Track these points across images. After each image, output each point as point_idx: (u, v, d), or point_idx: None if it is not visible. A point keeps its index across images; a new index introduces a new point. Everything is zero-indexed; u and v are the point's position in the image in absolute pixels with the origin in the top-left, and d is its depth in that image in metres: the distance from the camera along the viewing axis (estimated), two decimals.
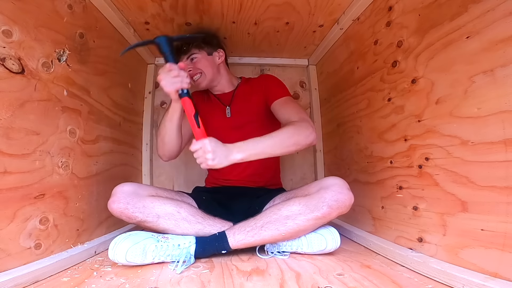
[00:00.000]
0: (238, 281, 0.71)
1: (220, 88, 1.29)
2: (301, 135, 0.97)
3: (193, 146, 0.87)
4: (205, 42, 1.23)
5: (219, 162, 0.85)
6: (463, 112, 0.68)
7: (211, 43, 1.26)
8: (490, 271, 0.60)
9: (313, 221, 0.88)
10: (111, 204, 0.90)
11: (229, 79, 1.30)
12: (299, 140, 0.96)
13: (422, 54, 0.81)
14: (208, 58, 1.23)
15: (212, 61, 1.24)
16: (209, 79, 1.22)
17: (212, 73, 1.22)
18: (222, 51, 1.28)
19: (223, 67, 1.29)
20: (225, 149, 0.87)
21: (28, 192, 0.74)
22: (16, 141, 0.71)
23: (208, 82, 1.23)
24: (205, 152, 0.85)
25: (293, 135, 0.96)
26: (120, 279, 0.72)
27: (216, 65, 1.25)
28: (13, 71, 0.70)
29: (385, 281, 0.70)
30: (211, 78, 1.23)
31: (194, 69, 1.20)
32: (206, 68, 1.21)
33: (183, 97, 0.90)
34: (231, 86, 1.29)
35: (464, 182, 0.68)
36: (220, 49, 1.28)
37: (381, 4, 0.99)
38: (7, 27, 0.68)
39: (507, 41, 0.57)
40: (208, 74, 1.21)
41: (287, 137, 0.95)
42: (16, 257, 0.69)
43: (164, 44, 0.90)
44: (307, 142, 0.97)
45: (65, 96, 0.88)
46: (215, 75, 1.24)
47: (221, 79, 1.27)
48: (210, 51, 1.25)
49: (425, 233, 0.80)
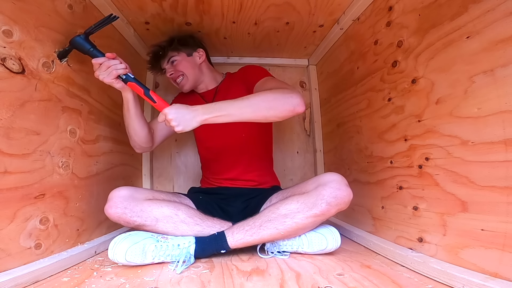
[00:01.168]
0: (238, 281, 0.71)
1: (204, 87, 1.29)
2: (280, 100, 0.88)
3: (159, 118, 0.88)
4: (181, 44, 1.23)
5: (184, 126, 0.85)
6: (463, 112, 0.68)
7: (188, 44, 1.26)
8: (490, 271, 0.60)
9: (312, 218, 0.88)
10: (108, 209, 0.89)
11: (213, 76, 1.30)
12: (277, 105, 0.88)
13: (422, 54, 0.81)
14: (189, 59, 1.23)
15: (192, 61, 1.24)
16: (192, 80, 1.23)
17: (194, 74, 1.23)
18: (202, 50, 1.27)
19: (205, 66, 1.28)
20: (189, 112, 0.86)
21: (28, 192, 0.74)
22: (16, 141, 0.71)
23: (192, 84, 1.24)
24: (168, 121, 0.85)
25: (269, 99, 0.88)
26: (120, 279, 0.72)
27: (197, 65, 1.25)
28: (14, 71, 0.70)
29: (385, 281, 0.70)
30: (194, 79, 1.23)
31: (176, 72, 1.21)
32: (187, 69, 1.21)
33: (128, 82, 0.91)
34: (215, 83, 1.29)
35: (464, 182, 0.68)
36: (200, 49, 1.27)
37: (381, 4, 0.99)
38: (8, 27, 0.68)
39: (508, 41, 0.57)
40: (190, 76, 1.22)
41: (261, 100, 0.88)
42: (16, 257, 0.69)
43: (82, 43, 0.87)
44: (288, 107, 0.88)
45: (65, 96, 0.88)
46: (198, 75, 1.25)
47: (204, 78, 1.27)
48: (189, 52, 1.24)
49: (425, 233, 0.80)
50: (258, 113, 0.88)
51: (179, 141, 1.67)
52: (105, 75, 0.88)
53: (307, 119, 1.73)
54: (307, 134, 1.73)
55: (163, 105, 0.90)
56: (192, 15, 1.21)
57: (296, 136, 1.72)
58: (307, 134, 1.73)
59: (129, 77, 0.91)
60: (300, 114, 0.88)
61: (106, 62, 0.88)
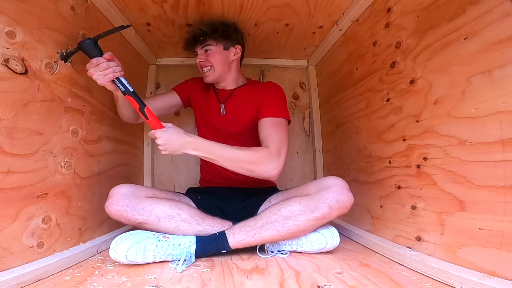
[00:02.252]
0: (238, 279, 0.72)
1: (224, 84, 1.25)
2: (260, 168, 0.97)
3: (149, 134, 0.91)
4: (223, 36, 1.18)
5: (170, 152, 0.92)
6: (461, 112, 0.68)
7: (230, 37, 1.20)
8: (488, 270, 0.61)
9: (313, 221, 0.88)
10: (109, 207, 0.88)
11: (236, 77, 1.25)
12: (255, 170, 0.98)
13: (420, 55, 0.81)
14: (223, 53, 1.19)
15: (226, 57, 1.19)
16: (217, 75, 1.19)
17: (221, 70, 1.19)
18: (240, 47, 1.23)
19: (235, 64, 1.24)
20: (179, 143, 0.91)
21: (31, 191, 0.74)
22: (19, 141, 0.71)
23: (215, 78, 1.20)
24: (157, 143, 0.90)
25: (252, 162, 0.97)
26: (122, 278, 0.72)
27: (228, 62, 1.21)
28: (17, 72, 0.70)
29: (383, 279, 0.70)
30: (220, 74, 1.20)
31: (206, 61, 1.17)
32: (217, 63, 1.17)
33: (126, 95, 0.91)
34: (235, 84, 1.25)
35: (461, 182, 0.68)
36: (238, 45, 1.22)
37: (380, 5, 0.99)
38: (11, 28, 0.68)
39: (505, 42, 0.57)
40: (217, 70, 1.18)
41: (244, 161, 0.96)
42: (19, 256, 0.69)
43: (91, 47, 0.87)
44: (263, 175, 0.99)
45: (68, 97, 0.88)
46: (225, 72, 1.21)
47: (229, 76, 1.23)
48: (227, 45, 1.19)
49: (423, 232, 0.80)
50: (236, 169, 0.98)
51: None
52: (101, 76, 0.87)
53: (306, 119, 1.73)
54: (307, 134, 1.73)
55: (156, 124, 0.91)
56: (193, 16, 1.21)
57: (295, 136, 1.72)
58: (307, 134, 1.73)
59: (128, 89, 0.91)
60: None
61: (104, 63, 0.86)
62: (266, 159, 0.98)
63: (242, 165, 0.97)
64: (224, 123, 1.21)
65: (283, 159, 1.01)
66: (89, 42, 0.86)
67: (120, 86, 0.90)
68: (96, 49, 0.87)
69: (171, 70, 1.69)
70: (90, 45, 0.86)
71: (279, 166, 0.99)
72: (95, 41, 0.87)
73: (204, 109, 1.25)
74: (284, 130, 1.08)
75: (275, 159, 0.99)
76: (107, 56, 0.87)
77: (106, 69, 0.87)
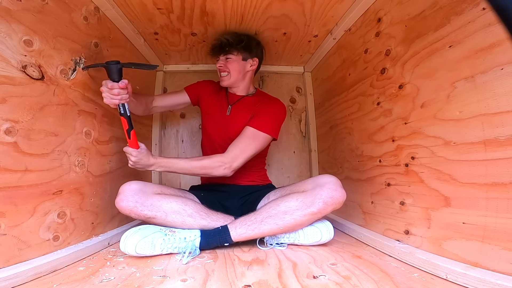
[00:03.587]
0: (240, 270, 0.71)
1: (235, 90, 1.26)
2: (213, 172, 1.05)
3: (125, 149, 0.96)
4: (245, 48, 1.21)
5: (137, 167, 0.99)
6: (446, 115, 0.68)
7: (251, 50, 1.23)
8: (471, 261, 0.61)
9: (309, 216, 0.88)
10: (120, 203, 0.88)
11: (248, 86, 1.27)
12: (210, 174, 1.06)
13: (408, 62, 0.81)
14: (241, 64, 1.21)
15: (243, 67, 1.22)
16: (232, 81, 1.21)
17: (236, 77, 1.21)
18: (257, 60, 1.25)
19: (249, 74, 1.26)
20: (147, 162, 0.98)
21: (47, 188, 0.74)
22: (36, 142, 0.71)
23: (230, 84, 1.22)
24: (128, 157, 0.97)
25: (205, 168, 1.06)
26: (132, 268, 0.72)
27: (244, 71, 1.23)
28: (34, 78, 0.70)
29: (374, 270, 0.70)
30: (234, 81, 1.22)
31: (224, 67, 1.20)
32: (234, 71, 1.20)
33: (121, 116, 0.93)
34: (245, 92, 1.27)
35: (447, 179, 0.68)
36: (256, 58, 1.25)
37: (371, 16, 0.99)
38: (28, 37, 0.68)
39: (486, 50, 0.57)
40: (233, 77, 1.20)
41: (200, 169, 1.06)
42: (36, 248, 0.69)
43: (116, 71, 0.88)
44: (218, 173, 1.06)
45: (81, 101, 0.88)
46: (239, 80, 1.23)
47: (241, 84, 1.25)
48: (246, 57, 1.22)
49: (411, 226, 0.80)
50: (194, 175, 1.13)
51: (185, 142, 1.68)
52: (108, 99, 0.88)
53: (302, 121, 1.73)
54: (303, 135, 1.73)
55: (135, 145, 0.96)
56: (197, 26, 1.21)
57: (292, 137, 1.72)
58: (303, 135, 1.73)
59: (125, 113, 0.92)
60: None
61: (116, 90, 0.87)
62: (218, 165, 1.05)
63: (197, 172, 1.07)
64: (226, 123, 1.22)
65: (237, 165, 1.06)
66: (116, 67, 0.86)
67: (121, 108, 0.92)
68: (118, 74, 0.88)
69: (177, 76, 1.69)
70: (115, 69, 0.87)
71: (230, 169, 1.05)
72: (121, 68, 0.88)
73: (212, 107, 1.26)
74: (256, 143, 1.11)
75: (228, 165, 1.05)
76: (122, 85, 0.87)
77: (116, 95, 0.88)
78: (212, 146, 1.25)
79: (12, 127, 0.64)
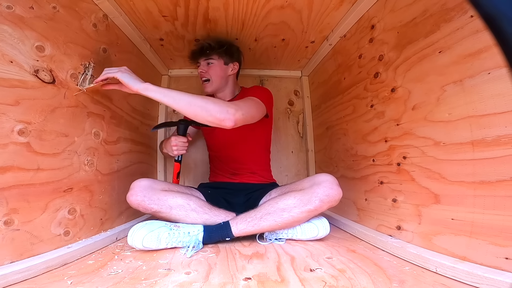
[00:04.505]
0: (241, 263, 0.71)
1: (222, 96, 1.26)
2: (215, 108, 0.86)
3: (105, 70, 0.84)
4: (227, 52, 1.20)
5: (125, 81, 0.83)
6: (436, 117, 0.68)
7: (232, 55, 1.22)
8: (459, 255, 0.61)
9: (306, 213, 0.88)
10: (130, 197, 0.90)
11: (233, 90, 1.27)
12: (210, 109, 0.85)
13: (400, 66, 0.81)
14: (223, 68, 1.20)
15: (224, 71, 1.21)
16: (215, 87, 1.21)
17: (219, 83, 1.20)
18: (237, 64, 1.25)
19: (231, 78, 1.26)
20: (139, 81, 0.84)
21: (58, 186, 0.74)
22: (48, 142, 0.71)
23: (214, 90, 1.22)
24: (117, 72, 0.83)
25: (208, 102, 0.86)
26: (138, 262, 0.72)
27: (226, 76, 1.22)
28: (45, 81, 0.70)
29: (368, 263, 0.70)
30: (217, 86, 1.21)
31: (206, 73, 1.19)
32: (216, 76, 1.19)
33: (176, 162, 1.18)
34: (231, 95, 1.27)
35: (436, 178, 0.68)
36: (236, 62, 1.24)
37: (364, 23, 0.99)
38: (40, 43, 0.68)
39: (474, 55, 0.57)
40: (215, 83, 1.20)
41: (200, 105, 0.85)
42: (47, 243, 0.69)
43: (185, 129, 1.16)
44: (218, 116, 0.85)
45: (90, 103, 0.88)
46: (222, 84, 1.22)
47: (226, 89, 1.25)
48: (227, 61, 1.21)
49: (402, 222, 0.80)
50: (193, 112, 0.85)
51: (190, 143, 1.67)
52: (181, 149, 1.12)
53: (300, 123, 1.73)
54: (300, 136, 1.73)
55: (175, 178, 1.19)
56: (200, 32, 1.21)
57: (291, 137, 1.72)
58: (300, 136, 1.73)
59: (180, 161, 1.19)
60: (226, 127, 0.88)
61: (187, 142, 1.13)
62: (225, 105, 0.88)
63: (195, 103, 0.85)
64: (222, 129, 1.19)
65: (239, 116, 0.89)
66: (185, 125, 1.15)
67: (179, 157, 1.18)
68: (185, 131, 1.16)
69: (182, 80, 1.68)
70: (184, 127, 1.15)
71: (232, 117, 0.87)
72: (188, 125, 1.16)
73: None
74: (255, 103, 1.03)
75: (231, 111, 0.87)
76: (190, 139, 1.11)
77: (184, 146, 1.12)
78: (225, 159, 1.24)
79: (25, 128, 0.64)
